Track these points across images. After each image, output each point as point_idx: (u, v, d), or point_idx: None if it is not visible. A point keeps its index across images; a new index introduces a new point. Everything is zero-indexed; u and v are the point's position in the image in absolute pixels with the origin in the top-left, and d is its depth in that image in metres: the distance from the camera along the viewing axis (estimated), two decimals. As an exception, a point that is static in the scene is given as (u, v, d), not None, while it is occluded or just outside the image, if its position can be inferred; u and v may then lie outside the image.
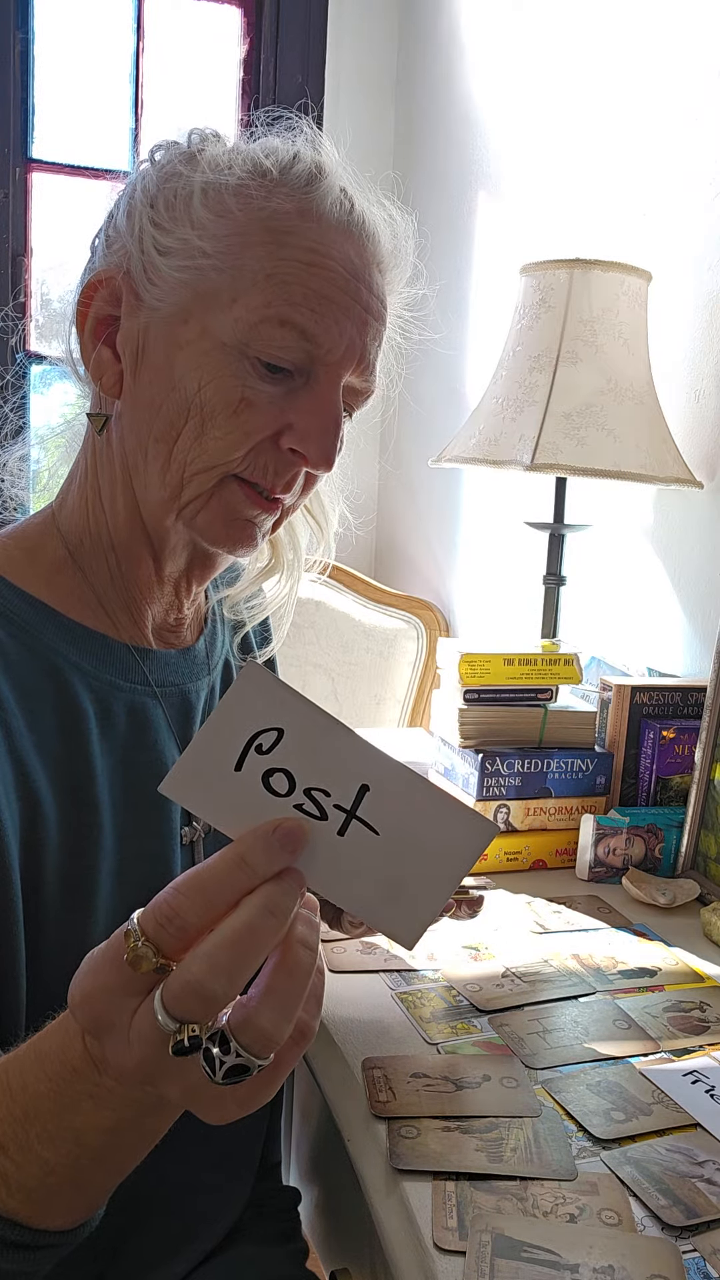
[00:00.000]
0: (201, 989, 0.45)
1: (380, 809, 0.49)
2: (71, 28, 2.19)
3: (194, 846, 0.79)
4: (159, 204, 0.70)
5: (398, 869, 0.49)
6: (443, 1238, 0.62)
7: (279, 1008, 0.47)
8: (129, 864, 0.72)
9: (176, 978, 0.46)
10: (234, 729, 0.49)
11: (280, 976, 0.47)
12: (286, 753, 0.49)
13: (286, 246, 0.68)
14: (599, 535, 1.61)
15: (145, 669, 0.76)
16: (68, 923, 0.68)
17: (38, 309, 0.78)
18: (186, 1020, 0.46)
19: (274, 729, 0.49)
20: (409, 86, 2.29)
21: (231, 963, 0.45)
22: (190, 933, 0.47)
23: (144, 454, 0.71)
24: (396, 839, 0.49)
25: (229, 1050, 0.46)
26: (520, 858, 1.23)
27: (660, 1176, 0.68)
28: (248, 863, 0.47)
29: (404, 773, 0.49)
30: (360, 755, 0.49)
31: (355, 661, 2.04)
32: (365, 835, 0.49)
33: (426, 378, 2.17)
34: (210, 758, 0.49)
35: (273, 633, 0.94)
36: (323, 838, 0.49)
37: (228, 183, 0.69)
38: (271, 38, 2.25)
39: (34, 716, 0.68)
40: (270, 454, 0.71)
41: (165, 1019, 0.46)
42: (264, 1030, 0.46)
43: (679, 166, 1.46)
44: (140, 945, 0.47)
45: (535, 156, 1.83)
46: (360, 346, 0.71)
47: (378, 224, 0.73)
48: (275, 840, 0.47)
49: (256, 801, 0.49)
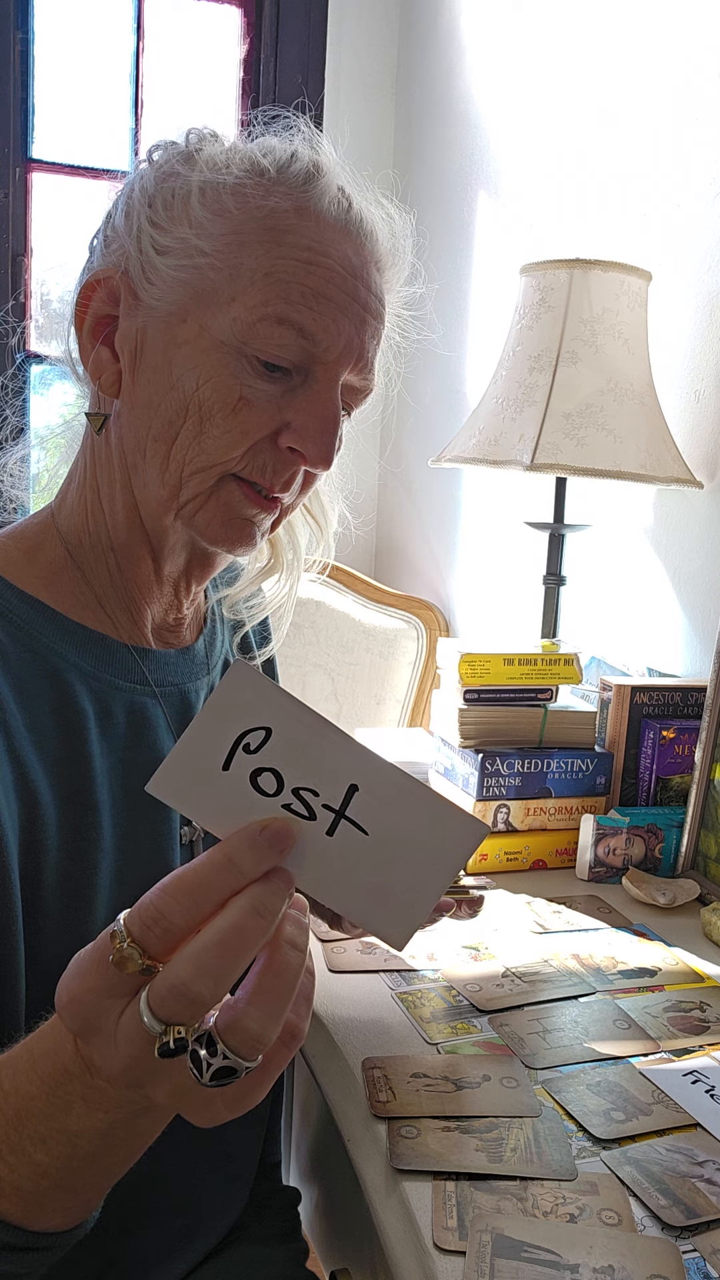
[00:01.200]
0: (188, 990, 0.45)
1: (369, 809, 0.49)
2: (71, 28, 2.19)
3: (193, 846, 0.79)
4: (157, 203, 0.70)
5: (387, 870, 0.49)
6: (443, 1238, 0.62)
7: (266, 1009, 0.46)
8: (128, 864, 0.72)
9: (162, 979, 0.46)
10: (222, 727, 0.49)
11: (268, 978, 0.47)
12: (274, 752, 0.49)
13: (284, 245, 0.68)
14: (599, 535, 1.61)
15: (145, 669, 0.76)
16: (66, 922, 0.68)
17: (37, 309, 0.78)
18: (173, 1022, 0.45)
19: (262, 728, 0.48)
20: (409, 86, 2.29)
21: (218, 964, 0.45)
22: (177, 934, 0.46)
23: (142, 453, 0.71)
24: (386, 839, 0.49)
25: (216, 1052, 0.45)
26: (520, 858, 1.23)
27: (660, 1176, 0.68)
28: (234, 863, 0.47)
29: (394, 773, 0.49)
30: (349, 754, 0.49)
31: (355, 661, 2.04)
32: (354, 835, 0.49)
33: (426, 378, 2.17)
34: (198, 756, 0.49)
35: (272, 632, 0.94)
36: (311, 838, 0.49)
37: (225, 182, 0.69)
38: (271, 38, 2.25)
39: (33, 717, 0.68)
40: (269, 453, 0.71)
41: (151, 1020, 0.46)
42: (251, 1032, 0.46)
43: (679, 166, 1.46)
44: (126, 946, 0.46)
45: (535, 156, 1.83)
46: (359, 345, 0.71)
47: (375, 222, 0.73)
48: (263, 840, 0.47)
49: (244, 801, 0.49)
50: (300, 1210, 0.96)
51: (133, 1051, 0.46)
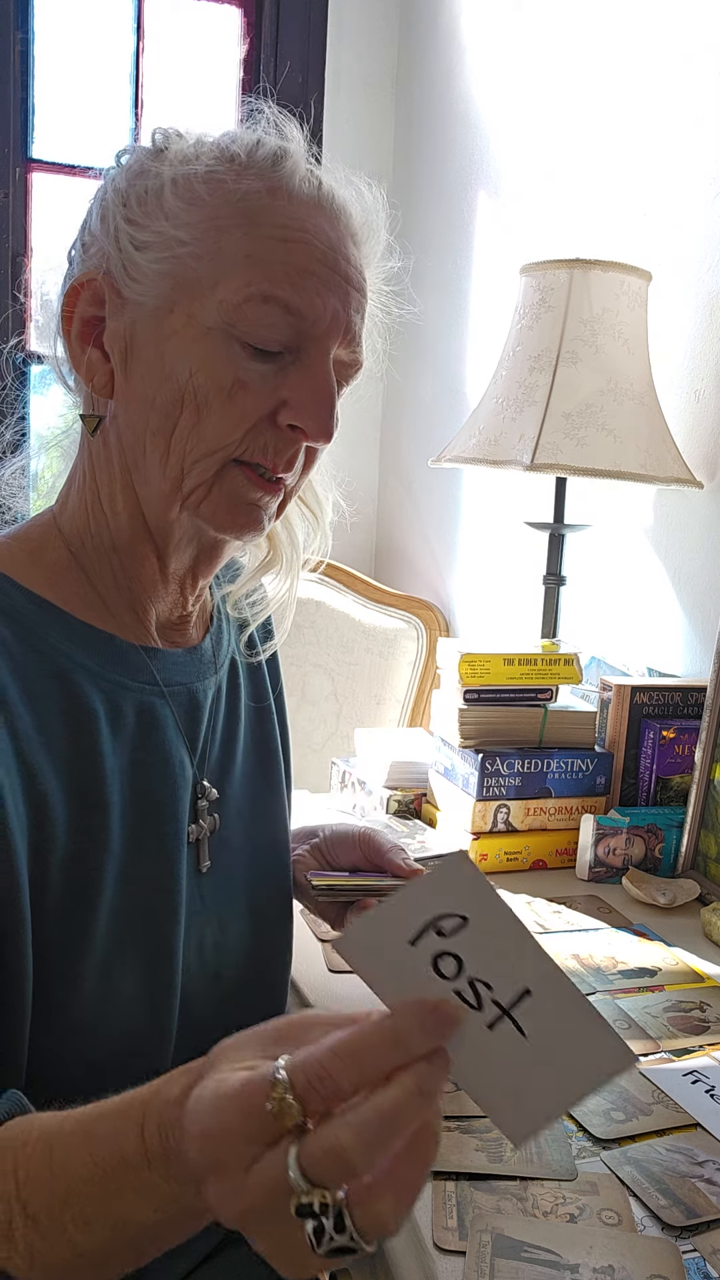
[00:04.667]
0: (344, 1157, 0.44)
1: (534, 1014, 0.49)
2: (71, 28, 2.19)
3: (199, 845, 0.79)
4: (131, 201, 0.71)
5: (531, 1072, 0.50)
6: (443, 1238, 0.62)
7: (401, 1198, 0.45)
8: (134, 862, 0.72)
9: (320, 1141, 0.44)
10: (424, 905, 0.50)
11: (407, 1165, 0.46)
12: (464, 941, 0.50)
13: (261, 226, 0.69)
14: (599, 535, 1.61)
15: (153, 668, 0.76)
16: (69, 921, 0.68)
17: (37, 309, 0.78)
18: (320, 1184, 0.44)
19: (460, 916, 0.50)
20: (409, 86, 2.29)
21: (378, 1137, 0.44)
22: (340, 1098, 0.45)
23: (142, 449, 0.72)
24: (540, 1045, 0.49)
25: (344, 1229, 0.44)
26: (520, 858, 1.23)
27: (660, 1176, 0.68)
28: (403, 1040, 0.46)
29: (567, 985, 0.50)
30: (534, 960, 0.50)
31: (355, 661, 2.04)
32: (512, 1035, 0.50)
33: (426, 378, 2.17)
34: (391, 925, 0.50)
35: (274, 628, 0.94)
36: (471, 1026, 0.49)
37: (196, 171, 0.70)
38: (271, 38, 2.25)
39: (42, 718, 0.68)
40: (269, 433, 0.71)
41: (298, 1177, 0.44)
42: (383, 1218, 0.45)
43: (679, 166, 1.46)
44: (288, 1099, 0.45)
45: (535, 156, 1.83)
46: (345, 317, 0.72)
47: (347, 199, 0.74)
48: (432, 1021, 0.47)
49: (420, 978, 0.50)
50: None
51: (259, 1200, 0.45)
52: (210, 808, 0.80)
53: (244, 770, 0.86)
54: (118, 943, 0.70)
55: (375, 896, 0.87)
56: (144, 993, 0.72)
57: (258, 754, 0.88)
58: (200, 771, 0.80)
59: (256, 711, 0.89)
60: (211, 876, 0.80)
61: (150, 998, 0.72)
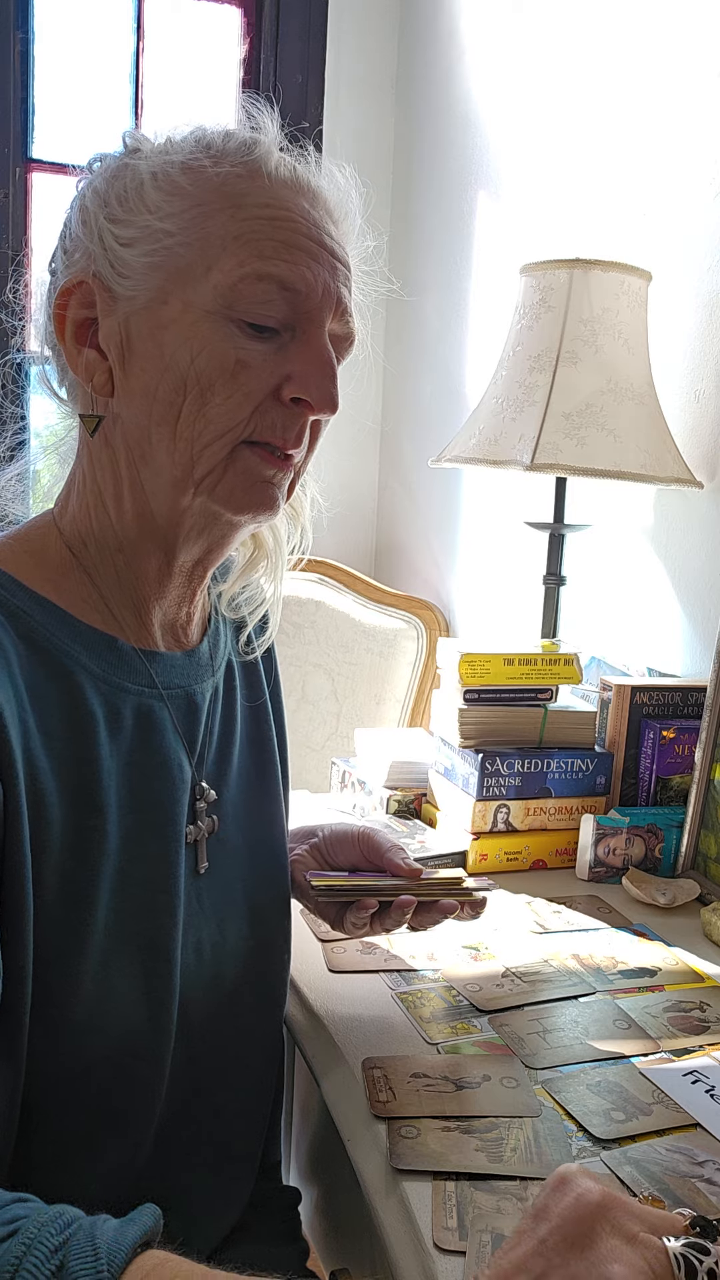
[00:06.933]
0: None
1: None
2: (71, 28, 2.19)
3: (197, 846, 0.79)
4: (112, 201, 0.72)
5: None
6: (443, 1238, 0.62)
7: None
8: (131, 864, 0.72)
9: None
10: None
11: None
12: None
13: (245, 207, 0.70)
14: (599, 535, 1.61)
15: (152, 671, 0.76)
16: (66, 921, 0.68)
17: (37, 309, 0.78)
18: None
19: None
20: (409, 86, 2.29)
21: None
22: None
23: (148, 442, 0.72)
24: None
25: None
26: (520, 858, 1.23)
27: (660, 1176, 0.68)
28: None
29: None
30: None
31: (355, 661, 2.04)
32: None
33: (426, 378, 2.17)
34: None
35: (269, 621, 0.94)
36: None
37: (174, 162, 0.71)
38: (271, 38, 2.25)
39: (43, 717, 0.68)
40: (275, 410, 0.72)
41: None
42: None
43: (679, 166, 1.46)
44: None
45: (535, 156, 1.83)
46: (335, 289, 0.73)
47: (320, 181, 0.76)
48: None
49: None
50: (300, 1210, 0.96)
51: None
52: (209, 809, 0.80)
53: (241, 771, 0.86)
54: (116, 944, 0.70)
55: (375, 896, 0.87)
56: (142, 994, 0.72)
57: (255, 754, 0.88)
58: (198, 773, 0.80)
59: (253, 711, 0.89)
60: (210, 877, 0.80)
61: (149, 999, 0.72)
